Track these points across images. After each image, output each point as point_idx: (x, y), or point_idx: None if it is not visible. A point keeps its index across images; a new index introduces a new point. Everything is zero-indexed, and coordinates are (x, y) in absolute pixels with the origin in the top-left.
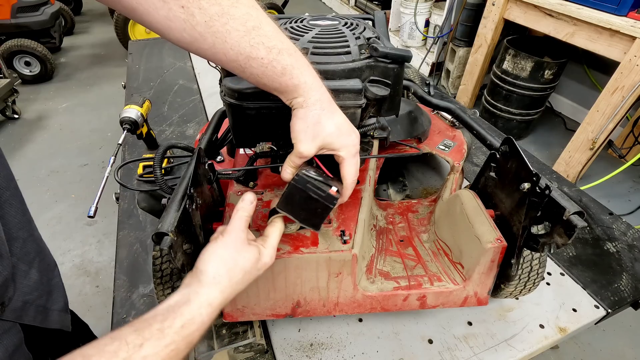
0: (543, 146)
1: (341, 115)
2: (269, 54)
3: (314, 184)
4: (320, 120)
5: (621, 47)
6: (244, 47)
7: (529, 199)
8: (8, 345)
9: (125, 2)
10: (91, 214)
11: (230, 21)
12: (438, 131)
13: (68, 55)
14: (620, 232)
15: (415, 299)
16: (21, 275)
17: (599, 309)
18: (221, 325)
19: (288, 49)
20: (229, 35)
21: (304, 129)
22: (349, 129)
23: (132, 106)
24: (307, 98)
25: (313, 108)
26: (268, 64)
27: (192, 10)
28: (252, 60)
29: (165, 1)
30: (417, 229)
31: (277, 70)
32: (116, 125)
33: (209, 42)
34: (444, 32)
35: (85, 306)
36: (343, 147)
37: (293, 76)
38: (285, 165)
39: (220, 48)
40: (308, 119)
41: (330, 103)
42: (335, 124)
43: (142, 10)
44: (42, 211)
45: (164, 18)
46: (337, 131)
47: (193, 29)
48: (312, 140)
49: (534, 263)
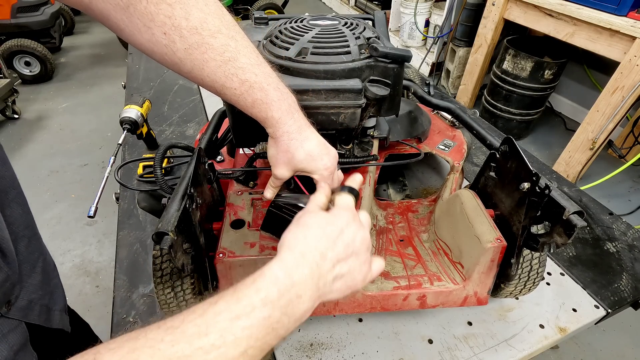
0: (543, 146)
1: (312, 141)
2: (241, 86)
3: (287, 208)
4: (289, 149)
5: (621, 47)
6: (219, 76)
7: (528, 198)
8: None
9: (113, 22)
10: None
11: (208, 51)
12: (438, 131)
13: (68, 55)
14: (620, 232)
15: (415, 299)
16: (27, 274)
17: (599, 309)
18: None
19: (260, 82)
20: (206, 64)
21: (276, 157)
22: (320, 153)
23: (132, 106)
24: (276, 130)
25: (281, 139)
26: (240, 95)
27: (174, 37)
28: (226, 90)
29: (149, 26)
30: (417, 229)
31: (248, 102)
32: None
33: (187, 67)
34: (444, 32)
35: (85, 306)
36: (315, 171)
37: (261, 110)
38: (267, 186)
39: (198, 74)
40: (278, 148)
41: (299, 132)
42: (305, 151)
43: (128, 31)
44: (42, 211)
45: (147, 41)
46: (307, 157)
47: (174, 54)
48: (284, 166)
49: (534, 263)
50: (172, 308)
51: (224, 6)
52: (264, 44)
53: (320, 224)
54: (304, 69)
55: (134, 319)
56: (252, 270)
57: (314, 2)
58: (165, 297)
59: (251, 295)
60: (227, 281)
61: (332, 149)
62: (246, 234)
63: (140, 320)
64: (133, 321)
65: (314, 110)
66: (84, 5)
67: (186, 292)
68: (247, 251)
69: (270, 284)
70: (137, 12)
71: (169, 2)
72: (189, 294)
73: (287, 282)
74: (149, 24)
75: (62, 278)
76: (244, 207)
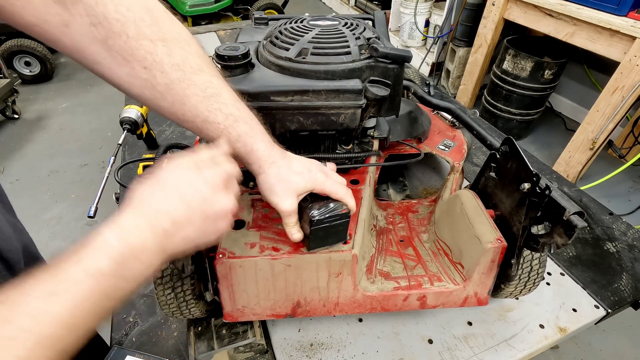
0: (543, 146)
1: (296, 162)
2: (226, 120)
3: (328, 217)
4: (282, 177)
5: (621, 47)
6: (201, 110)
7: (529, 199)
8: None
9: (88, 56)
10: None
11: (191, 86)
12: (438, 131)
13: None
14: (620, 232)
15: (416, 299)
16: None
17: (599, 309)
18: (221, 325)
19: (244, 117)
20: (188, 99)
21: (274, 190)
22: (307, 167)
23: (132, 106)
24: (263, 163)
25: (270, 171)
26: (224, 129)
27: (154, 72)
28: (208, 124)
29: (128, 60)
30: (417, 229)
31: (232, 137)
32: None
33: (168, 102)
34: (444, 32)
35: None
36: (315, 183)
37: (246, 143)
38: (288, 230)
39: (179, 108)
40: (271, 181)
41: (282, 158)
42: (295, 173)
43: (106, 64)
44: (42, 211)
45: (126, 75)
46: (302, 177)
47: (154, 88)
48: (287, 195)
49: (534, 263)
50: (172, 308)
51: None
52: (264, 44)
53: (181, 184)
54: (304, 69)
55: (134, 319)
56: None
57: (314, 2)
58: (166, 298)
59: (69, 269)
60: (227, 282)
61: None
62: (246, 234)
63: (140, 320)
64: (133, 321)
65: (314, 110)
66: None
67: (186, 292)
68: (247, 252)
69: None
70: (116, 45)
71: (151, 39)
72: (189, 295)
73: (123, 249)
74: (128, 58)
75: None
76: (243, 208)
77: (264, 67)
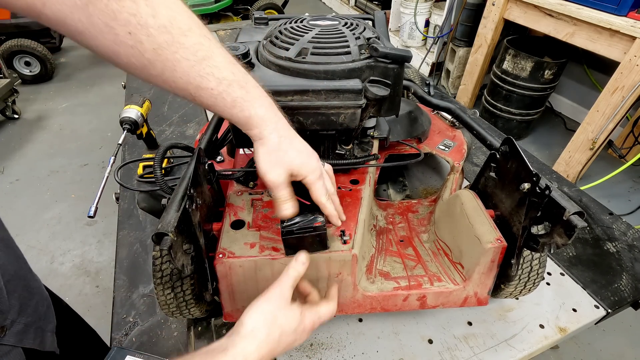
0: (543, 146)
1: (300, 140)
2: (219, 85)
3: (300, 228)
4: (281, 147)
5: (621, 47)
6: (193, 76)
7: (529, 199)
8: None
9: (70, 25)
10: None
11: (180, 50)
12: (438, 131)
13: (68, 55)
14: (620, 232)
15: (415, 299)
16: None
17: (599, 309)
18: (221, 325)
19: (239, 80)
20: (179, 64)
21: (267, 159)
22: (309, 152)
23: (132, 106)
24: (262, 129)
25: (270, 138)
26: (218, 95)
27: (140, 37)
28: (202, 91)
29: (112, 26)
30: (417, 229)
31: (228, 102)
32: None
33: (157, 69)
34: (444, 32)
35: (85, 306)
36: (310, 171)
37: (243, 108)
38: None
39: (169, 76)
40: (268, 148)
41: (287, 130)
42: (295, 149)
43: (88, 34)
44: (42, 211)
45: (111, 43)
46: (299, 155)
47: (141, 55)
48: (278, 167)
49: (534, 263)
50: (172, 309)
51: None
52: (264, 44)
53: (291, 328)
54: (304, 69)
55: (134, 319)
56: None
57: (314, 2)
58: (165, 298)
59: None
60: (226, 282)
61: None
62: (246, 234)
63: (140, 321)
64: (133, 321)
65: (314, 110)
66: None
67: (186, 292)
68: (247, 252)
69: None
70: (97, 10)
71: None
72: (188, 295)
73: None
74: (111, 24)
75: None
76: (243, 208)
77: (264, 67)
